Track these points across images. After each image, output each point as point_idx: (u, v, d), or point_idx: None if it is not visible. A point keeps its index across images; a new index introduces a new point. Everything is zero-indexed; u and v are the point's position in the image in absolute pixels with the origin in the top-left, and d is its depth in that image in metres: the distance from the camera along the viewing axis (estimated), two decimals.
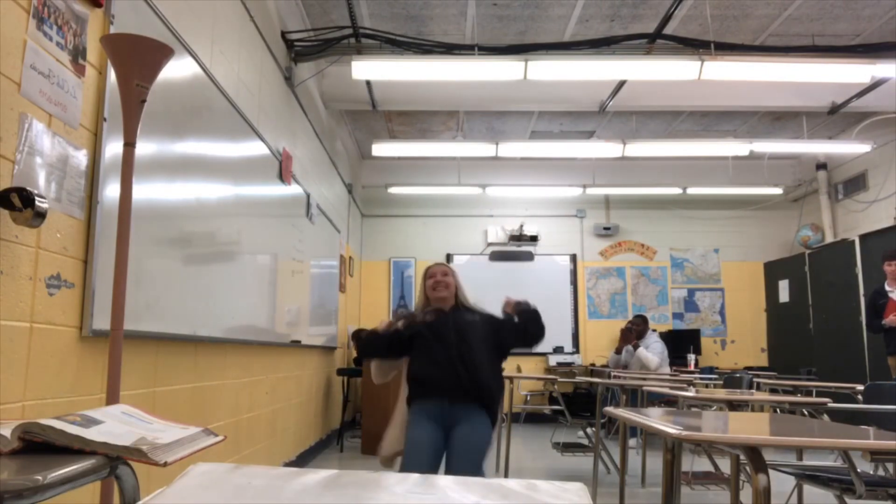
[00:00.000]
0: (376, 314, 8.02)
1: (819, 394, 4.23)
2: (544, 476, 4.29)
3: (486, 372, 2.61)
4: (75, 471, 0.91)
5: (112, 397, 1.72)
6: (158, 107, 2.26)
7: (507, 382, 3.59)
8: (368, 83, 5.37)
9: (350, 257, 7.39)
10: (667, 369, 6.26)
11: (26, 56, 1.66)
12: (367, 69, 4.53)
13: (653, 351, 6.23)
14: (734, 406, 2.97)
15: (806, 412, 3.57)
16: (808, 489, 2.92)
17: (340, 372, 6.33)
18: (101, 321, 1.92)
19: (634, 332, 6.50)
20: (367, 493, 0.76)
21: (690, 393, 3.29)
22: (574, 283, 8.51)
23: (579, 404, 5.81)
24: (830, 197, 7.67)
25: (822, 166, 7.69)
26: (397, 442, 2.69)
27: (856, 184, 7.26)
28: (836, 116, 6.26)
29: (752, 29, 5.04)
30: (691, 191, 7.92)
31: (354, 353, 6.66)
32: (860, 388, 3.25)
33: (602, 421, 4.30)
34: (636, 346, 6.31)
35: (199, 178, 2.80)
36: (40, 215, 1.58)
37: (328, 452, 5.65)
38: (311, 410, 5.32)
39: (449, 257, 8.45)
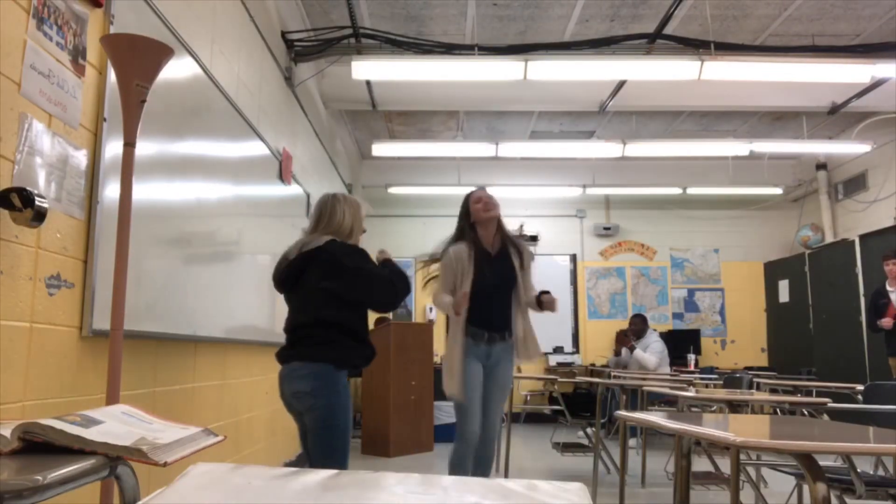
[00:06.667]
0: (375, 313, 7.99)
1: (819, 394, 4.22)
2: (544, 476, 4.29)
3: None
4: (75, 471, 0.91)
5: (112, 397, 1.73)
6: (158, 107, 2.26)
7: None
8: (368, 83, 5.37)
9: None
10: (667, 369, 6.24)
11: (26, 56, 1.66)
12: (367, 69, 4.53)
13: (653, 350, 6.20)
14: (734, 406, 2.97)
15: (806, 412, 3.56)
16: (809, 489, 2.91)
17: None
18: (101, 321, 1.91)
19: (631, 333, 6.46)
20: (367, 493, 0.76)
21: (690, 393, 3.29)
22: (574, 283, 8.51)
23: (579, 404, 5.81)
24: (830, 197, 7.66)
25: (822, 166, 7.69)
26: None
27: (856, 184, 7.26)
28: (836, 116, 6.26)
29: (752, 29, 5.04)
30: (691, 191, 7.92)
31: None
32: (860, 388, 3.24)
33: (602, 421, 4.30)
34: (632, 349, 6.29)
35: (199, 178, 2.80)
36: (40, 215, 1.57)
37: None
38: None
39: None
